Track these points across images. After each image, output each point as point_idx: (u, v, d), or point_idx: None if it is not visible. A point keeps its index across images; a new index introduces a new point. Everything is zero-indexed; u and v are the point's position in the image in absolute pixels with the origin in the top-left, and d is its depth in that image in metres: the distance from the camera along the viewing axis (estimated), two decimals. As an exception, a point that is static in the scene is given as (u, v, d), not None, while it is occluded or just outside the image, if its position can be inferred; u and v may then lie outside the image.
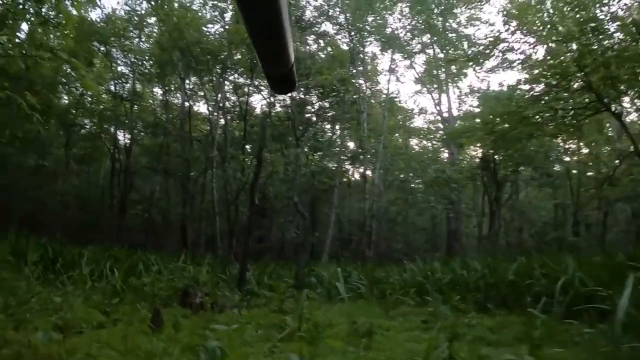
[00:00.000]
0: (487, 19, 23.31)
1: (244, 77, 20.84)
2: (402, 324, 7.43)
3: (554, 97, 13.17)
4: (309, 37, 20.35)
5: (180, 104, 23.86)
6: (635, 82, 11.91)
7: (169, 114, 23.70)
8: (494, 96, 19.02)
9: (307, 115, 20.61)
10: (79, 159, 23.63)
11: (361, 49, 23.37)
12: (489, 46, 14.36)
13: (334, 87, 18.76)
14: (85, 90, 18.64)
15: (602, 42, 11.61)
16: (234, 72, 21.21)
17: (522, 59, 14.01)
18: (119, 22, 20.90)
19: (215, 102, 21.64)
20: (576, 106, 13.16)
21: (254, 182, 13.24)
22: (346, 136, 25.10)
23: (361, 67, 23.41)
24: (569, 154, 20.69)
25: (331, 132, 24.25)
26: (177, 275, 11.64)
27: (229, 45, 19.05)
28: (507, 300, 8.53)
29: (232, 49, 19.28)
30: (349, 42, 22.23)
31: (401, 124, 30.07)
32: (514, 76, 51.37)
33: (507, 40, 13.64)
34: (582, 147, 20.20)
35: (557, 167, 20.75)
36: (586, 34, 11.32)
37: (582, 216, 18.61)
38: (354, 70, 22.03)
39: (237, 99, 22.25)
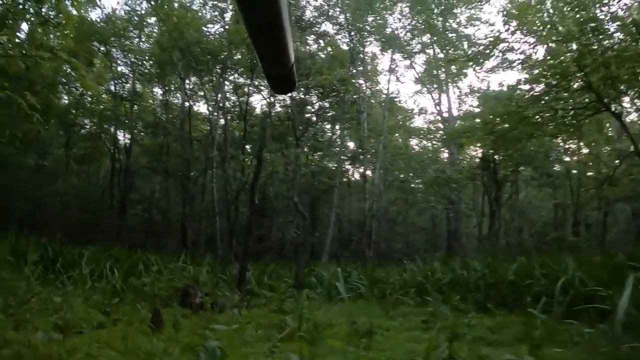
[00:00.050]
0: (487, 19, 23.36)
1: (244, 77, 20.84)
2: (402, 324, 7.43)
3: (554, 97, 13.16)
4: (309, 37, 20.35)
5: (180, 104, 23.86)
6: (635, 82, 11.91)
7: (169, 114, 23.70)
8: (494, 96, 19.01)
9: (307, 115, 20.60)
10: (79, 159, 23.62)
11: (361, 49, 23.37)
12: (489, 46, 14.36)
13: (334, 87, 18.76)
14: (85, 90, 18.64)
15: (602, 42, 11.61)
16: (234, 72, 21.22)
17: (522, 59, 14.03)
18: (119, 22, 20.91)
19: (215, 102, 21.64)
20: (576, 106, 13.15)
21: (254, 182, 13.24)
22: (346, 136, 25.10)
23: (361, 67, 23.40)
24: (569, 154, 20.69)
25: (331, 132, 24.25)
26: (177, 275, 11.65)
27: (229, 45, 19.04)
28: (507, 300, 8.53)
29: (232, 49, 19.27)
30: (349, 42, 22.23)
31: (401, 124, 30.05)
32: (514, 76, 51.48)
33: (507, 40, 13.66)
34: (582, 147, 20.20)
35: (557, 167, 20.74)
36: (586, 34, 11.32)
37: (582, 216, 18.60)
38: (354, 70, 22.02)
39: (237, 99, 22.25)
